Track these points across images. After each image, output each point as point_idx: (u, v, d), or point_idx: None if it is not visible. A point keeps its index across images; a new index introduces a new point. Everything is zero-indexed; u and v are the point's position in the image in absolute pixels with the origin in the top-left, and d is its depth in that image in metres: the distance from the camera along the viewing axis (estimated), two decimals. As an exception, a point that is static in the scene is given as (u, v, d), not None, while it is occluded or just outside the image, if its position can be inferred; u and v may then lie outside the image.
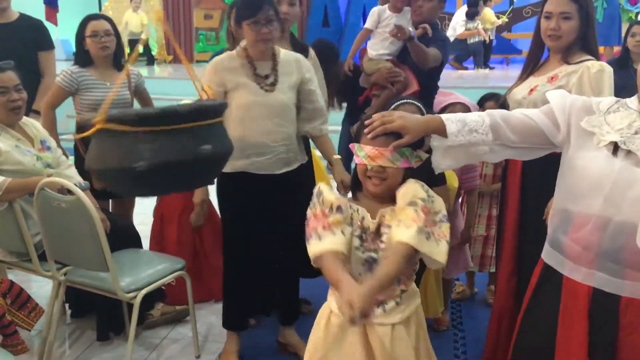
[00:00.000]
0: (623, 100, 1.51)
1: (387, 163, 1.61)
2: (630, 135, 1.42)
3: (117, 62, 3.16)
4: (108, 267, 2.33)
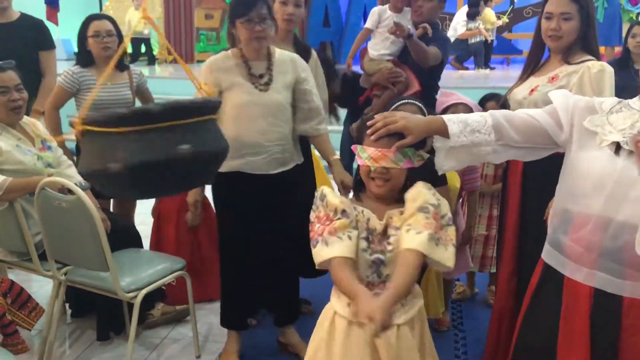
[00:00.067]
0: (625, 101, 1.52)
1: (390, 164, 1.61)
2: (633, 136, 1.42)
3: (118, 62, 3.15)
4: (108, 266, 2.33)
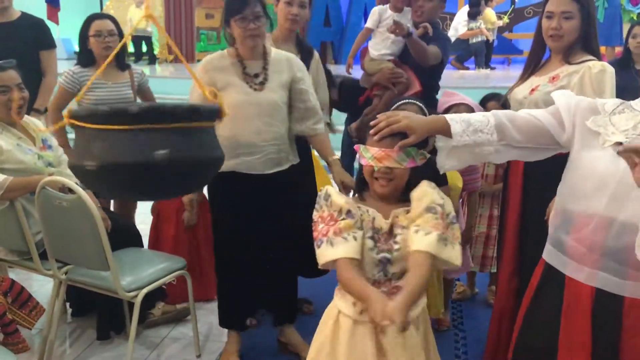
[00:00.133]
0: (628, 102, 1.52)
1: (394, 164, 1.61)
2: (636, 137, 1.42)
3: (119, 62, 3.16)
4: (109, 266, 2.33)
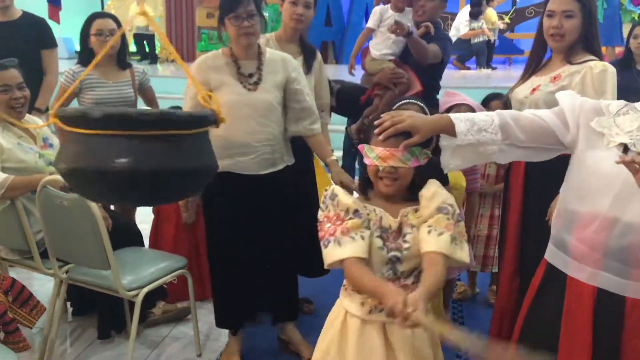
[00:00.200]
0: (632, 104, 1.52)
1: (398, 163, 1.61)
2: None
3: (120, 61, 3.16)
4: (110, 265, 2.33)
